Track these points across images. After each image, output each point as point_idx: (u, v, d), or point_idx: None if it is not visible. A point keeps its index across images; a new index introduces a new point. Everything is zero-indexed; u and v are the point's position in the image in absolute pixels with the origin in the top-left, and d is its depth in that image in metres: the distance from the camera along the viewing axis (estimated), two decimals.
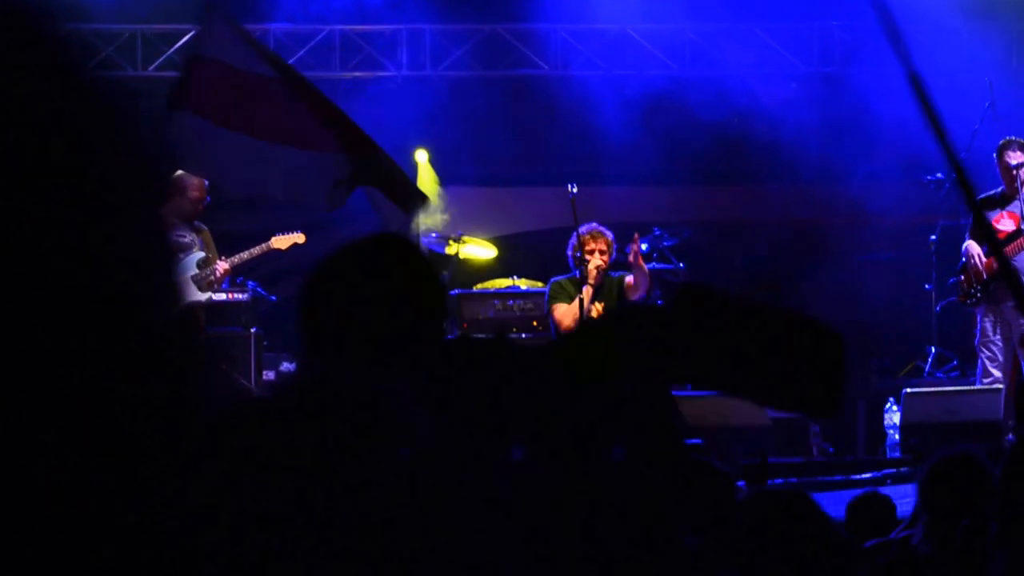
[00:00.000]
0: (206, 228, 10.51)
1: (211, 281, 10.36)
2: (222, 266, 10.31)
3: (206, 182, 10.25)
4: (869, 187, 13.89)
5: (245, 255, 10.52)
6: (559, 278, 9.90)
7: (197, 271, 10.27)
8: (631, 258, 9.65)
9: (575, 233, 9.77)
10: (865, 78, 13.31)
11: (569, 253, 9.82)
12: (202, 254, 10.33)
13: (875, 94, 13.13)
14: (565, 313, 9.67)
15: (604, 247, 9.74)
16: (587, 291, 9.68)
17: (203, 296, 10.33)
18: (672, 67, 13.57)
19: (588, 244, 9.73)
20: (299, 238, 10.65)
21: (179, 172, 10.40)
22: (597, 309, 9.77)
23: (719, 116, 13.55)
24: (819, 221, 13.93)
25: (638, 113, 13.18)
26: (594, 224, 9.84)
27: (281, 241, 10.62)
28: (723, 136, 13.63)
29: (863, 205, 13.88)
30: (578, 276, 9.77)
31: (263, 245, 10.61)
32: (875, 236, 13.72)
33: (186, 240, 10.27)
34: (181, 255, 10.25)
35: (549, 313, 9.88)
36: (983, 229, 9.69)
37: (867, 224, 13.86)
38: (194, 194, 10.18)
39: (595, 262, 9.67)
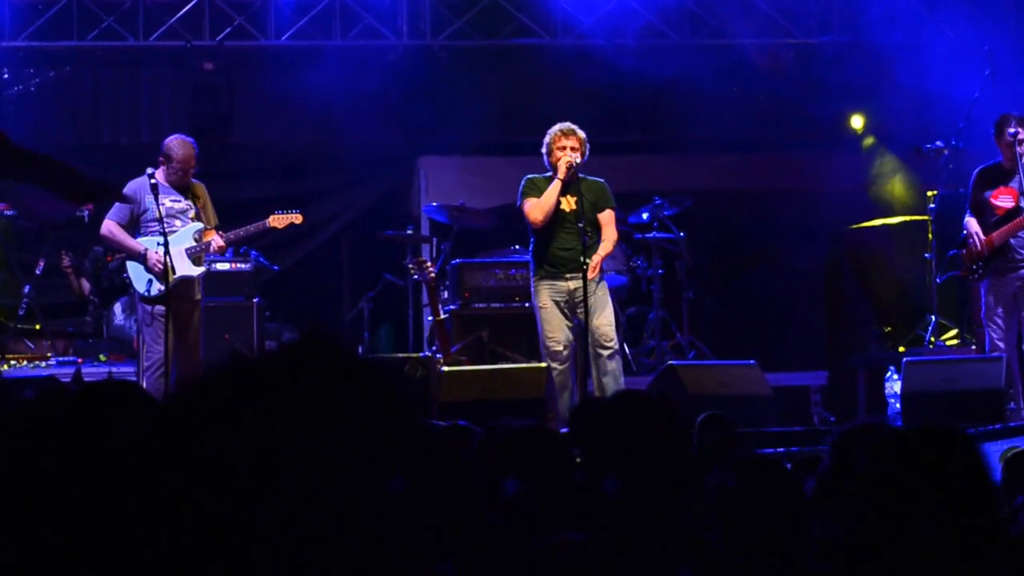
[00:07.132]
0: (202, 186, 10.37)
1: (208, 254, 10.28)
2: (217, 242, 10.19)
3: (195, 149, 10.24)
4: (867, 156, 13.90)
5: (241, 232, 10.38)
6: (533, 176, 10.03)
7: (194, 243, 10.16)
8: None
9: (548, 132, 9.86)
10: (866, 47, 13.30)
11: (544, 152, 9.90)
12: (199, 225, 10.19)
13: (875, 63, 13.13)
14: (533, 206, 9.86)
15: (576, 144, 9.89)
16: (556, 184, 9.81)
17: (196, 271, 10.18)
18: (672, 36, 13.55)
19: (559, 141, 9.89)
20: (296, 218, 10.56)
21: (168, 139, 10.42)
22: (568, 203, 9.89)
23: (719, 85, 13.52)
24: (820, 189, 13.92)
25: (638, 81, 13.15)
26: (567, 123, 9.94)
27: (278, 220, 10.49)
28: (724, 105, 13.61)
29: (862, 173, 13.89)
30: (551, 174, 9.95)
31: (260, 223, 10.47)
32: (874, 204, 13.73)
33: (180, 205, 10.18)
34: (178, 223, 10.18)
35: (519, 208, 9.99)
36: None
37: (866, 192, 13.86)
38: (177, 164, 10.13)
39: (566, 158, 9.78)
